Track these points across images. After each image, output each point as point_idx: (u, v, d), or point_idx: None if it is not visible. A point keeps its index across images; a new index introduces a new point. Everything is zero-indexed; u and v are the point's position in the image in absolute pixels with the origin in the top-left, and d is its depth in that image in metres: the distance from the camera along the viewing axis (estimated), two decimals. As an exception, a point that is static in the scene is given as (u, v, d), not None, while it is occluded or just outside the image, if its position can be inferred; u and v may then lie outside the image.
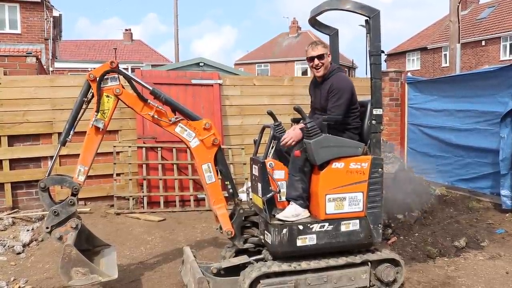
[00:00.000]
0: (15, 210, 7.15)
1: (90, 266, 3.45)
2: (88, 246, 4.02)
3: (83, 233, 3.91)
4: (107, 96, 3.78)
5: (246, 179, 7.68)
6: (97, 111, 3.75)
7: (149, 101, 3.90)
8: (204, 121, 4.00)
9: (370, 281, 4.03)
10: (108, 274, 3.53)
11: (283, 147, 4.06)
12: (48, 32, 22.91)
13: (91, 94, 3.81)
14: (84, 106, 3.84)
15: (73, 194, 3.71)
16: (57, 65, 23.51)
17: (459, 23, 11.56)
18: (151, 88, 3.91)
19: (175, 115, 3.96)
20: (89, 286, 3.55)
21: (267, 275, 3.73)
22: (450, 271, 4.71)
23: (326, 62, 4.19)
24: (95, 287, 4.28)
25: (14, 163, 7.24)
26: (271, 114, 4.43)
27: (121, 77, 3.91)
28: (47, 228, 3.63)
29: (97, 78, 3.73)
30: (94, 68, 3.91)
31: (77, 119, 3.80)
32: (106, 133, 6.56)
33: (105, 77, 3.78)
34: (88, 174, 3.81)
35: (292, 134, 3.90)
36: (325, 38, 4.85)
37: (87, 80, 3.77)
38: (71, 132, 3.77)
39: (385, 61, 39.49)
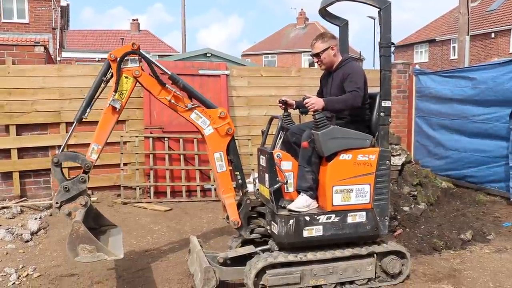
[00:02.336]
0: (23, 198, 7.21)
1: (97, 244, 3.44)
2: (95, 225, 4.01)
3: (91, 211, 3.91)
4: (126, 77, 3.79)
5: (253, 169, 7.69)
6: (115, 91, 3.76)
7: (167, 85, 3.90)
8: (219, 109, 4.01)
9: (375, 272, 4.05)
10: (114, 253, 3.54)
11: (304, 111, 4.08)
12: (56, 21, 22.92)
13: (110, 74, 3.82)
14: (102, 85, 3.85)
15: (84, 172, 3.70)
16: (64, 54, 23.51)
17: (468, 15, 11.43)
18: (170, 73, 3.91)
19: (191, 101, 3.97)
20: (95, 263, 3.53)
21: (273, 266, 3.76)
22: (456, 264, 4.71)
23: (327, 57, 4.18)
24: (104, 272, 4.33)
25: (22, 152, 7.28)
26: (283, 102, 4.37)
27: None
28: (56, 203, 3.63)
29: (118, 59, 3.74)
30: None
31: (95, 97, 3.80)
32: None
33: (125, 58, 3.79)
34: (95, 164, 3.82)
35: (315, 100, 3.88)
36: (335, 29, 4.84)
37: (107, 60, 3.77)
38: (88, 110, 3.77)
39: (393, 53, 38.93)
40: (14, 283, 4.16)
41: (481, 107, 7.48)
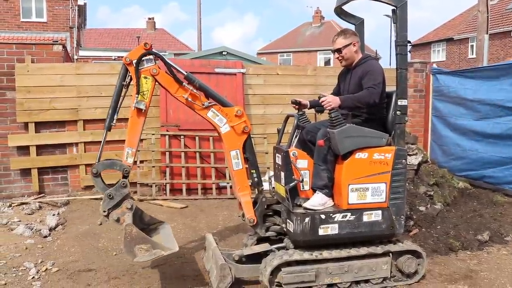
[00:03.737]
0: (41, 195, 7.33)
1: (152, 242, 3.51)
2: (143, 225, 4.09)
3: (137, 213, 3.98)
4: (145, 78, 3.81)
5: (268, 168, 7.70)
6: (138, 93, 3.79)
7: (184, 83, 3.93)
8: (236, 108, 4.02)
9: (391, 272, 4.04)
10: (169, 247, 3.59)
11: (320, 108, 4.08)
12: (73, 20, 23.18)
13: (129, 78, 3.85)
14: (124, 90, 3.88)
15: (124, 176, 3.76)
16: (82, 53, 23.74)
17: (487, 13, 11.28)
18: (185, 73, 3.94)
19: (208, 100, 4.00)
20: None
21: (288, 263, 3.77)
22: (472, 265, 4.66)
23: (349, 53, 4.18)
24: (120, 267, 4.39)
25: (41, 149, 7.40)
26: (296, 102, 4.37)
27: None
28: (104, 211, 3.68)
29: (134, 61, 3.76)
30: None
31: (119, 103, 3.83)
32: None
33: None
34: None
35: (331, 98, 3.90)
36: (350, 28, 4.81)
37: (123, 64, 3.81)
38: (115, 117, 3.81)
39: (410, 51, 38.87)
40: (33, 277, 4.23)
41: (502, 107, 7.38)
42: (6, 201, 6.97)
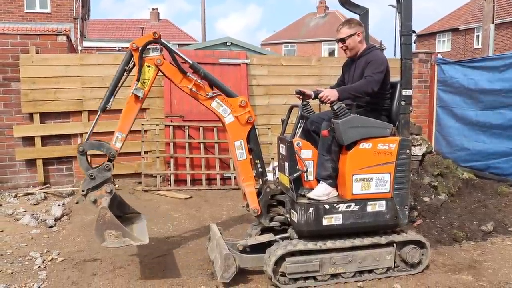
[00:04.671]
0: (46, 185, 7.36)
1: (123, 230, 3.52)
2: (120, 213, 4.09)
3: (115, 199, 3.99)
4: (148, 66, 3.83)
5: (272, 158, 7.71)
6: (138, 80, 3.80)
7: (188, 74, 3.93)
8: (240, 98, 4.02)
9: (395, 262, 4.05)
10: (140, 239, 3.61)
11: (320, 100, 4.05)
12: (77, 11, 23.16)
13: (132, 64, 3.86)
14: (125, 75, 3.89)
15: (109, 160, 3.77)
16: (86, 44, 23.74)
17: (493, 3, 11.20)
18: (191, 62, 3.94)
19: (212, 90, 4.00)
20: (117, 249, 3.58)
21: (292, 253, 3.78)
22: (476, 255, 4.67)
23: (353, 43, 4.16)
24: (126, 257, 4.42)
25: (46, 139, 7.42)
26: (300, 93, 4.35)
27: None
28: (82, 191, 3.71)
29: (139, 48, 3.78)
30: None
31: (118, 86, 3.85)
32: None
33: (147, 47, 3.82)
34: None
35: (328, 92, 3.90)
36: (355, 18, 4.78)
37: (129, 49, 3.82)
38: (111, 99, 3.83)
39: (415, 42, 38.62)
40: (39, 266, 4.27)
41: (507, 98, 7.34)
42: (12, 191, 7.01)
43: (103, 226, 3.48)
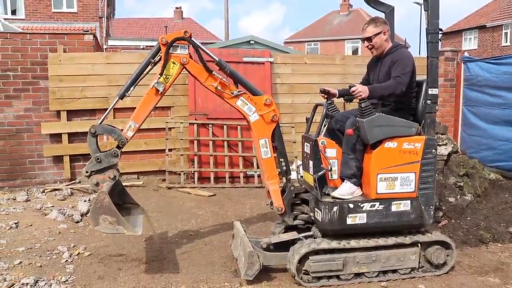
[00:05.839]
0: (73, 181, 7.50)
1: (119, 217, 3.53)
2: (119, 201, 4.10)
3: (117, 186, 4.01)
4: (173, 63, 3.87)
5: (296, 157, 7.71)
6: (161, 74, 3.84)
7: (213, 72, 3.96)
8: (265, 96, 4.04)
9: (419, 262, 4.02)
10: (133, 229, 3.63)
11: (350, 98, 4.12)
12: (102, 10, 23.51)
13: (158, 57, 3.90)
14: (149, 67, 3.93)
15: (118, 147, 3.80)
16: (111, 42, 24.13)
17: (522, 0, 10.94)
18: (217, 59, 3.97)
19: (237, 88, 4.02)
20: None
21: (316, 252, 3.79)
22: (503, 257, 4.59)
23: (379, 41, 4.13)
24: (150, 253, 4.48)
25: (72, 136, 7.58)
26: (325, 92, 4.33)
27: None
28: (86, 172, 3.74)
29: (168, 43, 3.82)
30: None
31: (140, 77, 3.89)
32: (159, 109, 6.69)
33: (175, 44, 3.86)
34: (141, 149, 3.91)
35: (361, 88, 3.88)
36: (380, 16, 4.74)
37: (158, 43, 3.86)
38: (132, 88, 3.86)
39: (440, 40, 37.94)
40: (66, 260, 4.36)
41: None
42: (40, 187, 7.19)
43: (100, 210, 3.50)
